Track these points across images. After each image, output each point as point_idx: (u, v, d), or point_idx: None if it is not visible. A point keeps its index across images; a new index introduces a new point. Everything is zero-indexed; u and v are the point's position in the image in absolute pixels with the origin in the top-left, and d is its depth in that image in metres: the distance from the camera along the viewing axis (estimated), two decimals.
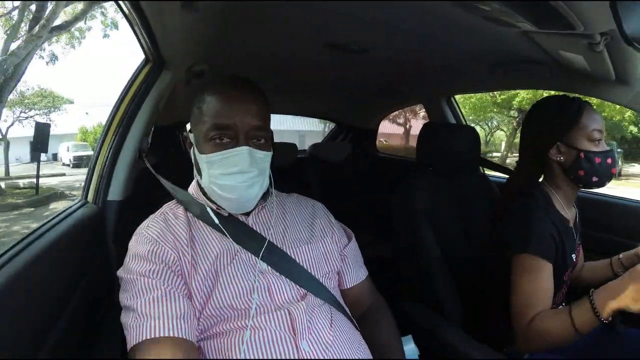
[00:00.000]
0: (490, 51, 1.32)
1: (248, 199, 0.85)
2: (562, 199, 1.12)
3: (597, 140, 1.05)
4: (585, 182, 1.07)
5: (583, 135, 1.05)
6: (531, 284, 1.00)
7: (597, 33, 0.87)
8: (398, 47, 1.39)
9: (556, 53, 1.11)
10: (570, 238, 1.10)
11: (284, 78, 1.86)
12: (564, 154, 1.08)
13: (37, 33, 7.24)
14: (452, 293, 1.29)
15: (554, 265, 1.02)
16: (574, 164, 1.06)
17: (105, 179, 1.17)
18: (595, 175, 1.05)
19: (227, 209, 0.87)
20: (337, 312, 0.89)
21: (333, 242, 0.99)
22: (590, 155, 1.04)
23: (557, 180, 1.12)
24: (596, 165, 1.04)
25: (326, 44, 1.34)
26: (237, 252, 0.84)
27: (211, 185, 0.84)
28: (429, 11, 1.03)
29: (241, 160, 0.81)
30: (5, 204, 8.21)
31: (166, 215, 0.88)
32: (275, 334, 0.77)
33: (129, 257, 0.81)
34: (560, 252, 1.05)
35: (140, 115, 1.24)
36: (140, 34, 1.07)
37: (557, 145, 1.08)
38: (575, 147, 1.06)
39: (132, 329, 0.71)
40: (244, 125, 0.81)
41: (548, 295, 1.00)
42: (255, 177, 0.83)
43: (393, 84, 2.04)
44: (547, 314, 0.96)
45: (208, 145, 0.82)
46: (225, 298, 0.79)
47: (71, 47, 11.06)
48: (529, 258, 1.01)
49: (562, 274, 1.09)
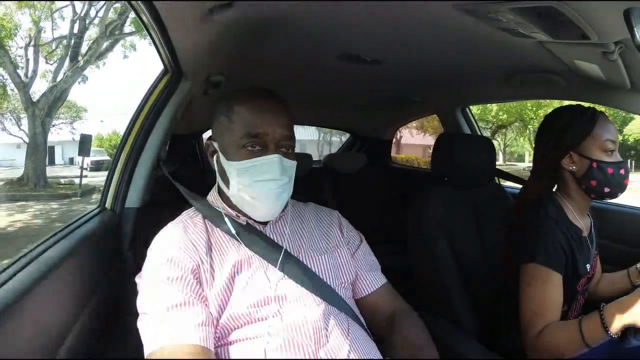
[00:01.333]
0: (505, 61, 1.32)
1: (277, 206, 0.86)
2: (574, 209, 1.11)
3: (610, 150, 1.04)
4: (598, 193, 1.06)
5: (596, 145, 1.05)
6: (539, 294, 0.99)
7: (612, 42, 0.86)
8: (412, 58, 1.40)
9: (571, 62, 1.11)
10: (584, 248, 1.08)
11: (299, 89, 1.89)
12: (576, 164, 1.07)
13: (82, 66, 9.77)
14: (468, 304, 1.27)
15: (564, 276, 1.01)
16: (586, 174, 1.05)
17: (124, 186, 1.19)
18: (607, 186, 1.04)
19: (253, 217, 0.88)
20: (353, 322, 0.88)
21: (347, 250, 0.99)
22: (603, 166, 1.03)
23: (569, 190, 1.11)
24: (608, 176, 1.03)
25: (339, 55, 1.36)
26: (254, 261, 0.84)
27: (240, 192, 0.84)
28: (442, 22, 1.04)
29: (273, 168, 0.82)
30: (59, 194, 10.71)
31: (185, 223, 0.89)
32: (292, 342, 0.77)
33: (148, 263, 0.82)
34: (570, 262, 1.03)
35: (158, 124, 1.27)
36: (160, 45, 1.10)
37: (570, 154, 1.08)
38: (588, 157, 1.05)
39: (150, 335, 0.72)
40: (275, 134, 0.84)
41: (557, 306, 0.98)
42: (285, 184, 0.85)
43: (407, 95, 2.05)
44: (556, 326, 0.95)
45: (239, 153, 0.84)
46: (242, 306, 0.79)
47: (96, 67, 12.65)
48: (536, 268, 1.00)
49: (575, 285, 1.07)
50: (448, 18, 0.99)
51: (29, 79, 10.26)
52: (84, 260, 0.91)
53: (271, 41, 1.25)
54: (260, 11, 0.99)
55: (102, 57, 10.97)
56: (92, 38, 10.46)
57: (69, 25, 10.32)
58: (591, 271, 1.12)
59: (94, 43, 10.07)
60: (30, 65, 10.59)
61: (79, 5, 10.51)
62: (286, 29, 1.16)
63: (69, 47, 10.31)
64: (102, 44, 10.10)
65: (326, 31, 1.18)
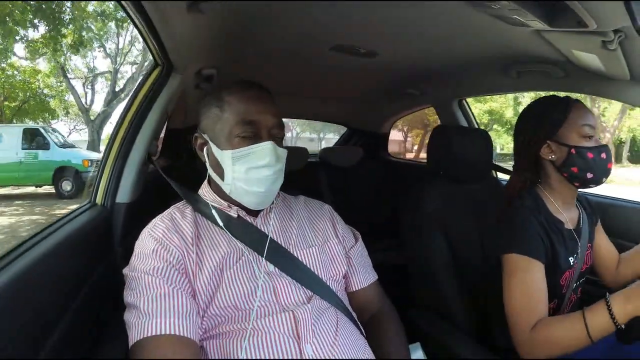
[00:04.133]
0: (502, 52, 1.30)
1: (272, 192, 0.88)
2: (557, 201, 1.09)
3: (588, 135, 1.03)
4: (581, 180, 1.04)
5: (573, 131, 1.03)
6: (522, 284, 0.96)
7: (611, 30, 0.84)
8: (407, 49, 1.38)
9: (569, 52, 1.09)
10: (566, 240, 1.06)
11: (294, 81, 1.87)
12: (555, 152, 1.06)
13: (122, 97, 13.76)
14: (462, 302, 1.25)
15: (545, 268, 0.99)
16: (566, 161, 1.04)
17: (114, 181, 1.17)
18: (590, 171, 1.02)
19: (249, 205, 0.89)
20: (343, 316, 0.88)
21: (340, 245, 0.99)
22: (582, 151, 1.01)
23: (551, 181, 1.09)
24: (589, 161, 1.01)
25: (333, 46, 1.33)
26: (244, 253, 0.85)
27: (236, 181, 0.85)
28: (437, 11, 1.02)
29: (269, 154, 0.84)
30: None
31: (173, 214, 0.89)
32: (278, 336, 0.77)
33: (135, 255, 0.82)
34: (550, 254, 1.02)
35: (149, 119, 1.24)
36: (148, 38, 1.08)
37: (548, 144, 1.06)
38: (566, 143, 1.03)
39: (134, 326, 0.72)
40: (267, 122, 0.86)
41: (543, 295, 0.96)
42: (279, 171, 0.87)
43: (403, 87, 2.02)
44: (555, 319, 0.92)
45: (233, 142, 0.85)
46: (229, 298, 0.79)
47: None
48: (516, 257, 0.98)
49: (557, 278, 1.04)
50: (444, 7, 0.97)
51: (89, 105, 15.29)
52: (73, 255, 0.90)
53: (263, 33, 1.23)
54: (250, 2, 0.97)
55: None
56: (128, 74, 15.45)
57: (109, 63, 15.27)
58: (583, 266, 1.09)
59: (129, 80, 14.36)
60: (89, 96, 16.05)
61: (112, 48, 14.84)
62: (278, 20, 1.14)
63: (112, 82, 14.61)
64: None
65: (320, 22, 1.16)
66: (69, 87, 13.63)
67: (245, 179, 0.84)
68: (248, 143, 0.84)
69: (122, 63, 14.95)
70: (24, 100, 10.40)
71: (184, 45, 1.16)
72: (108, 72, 15.95)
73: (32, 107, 11.00)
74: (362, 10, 1.06)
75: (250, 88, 0.89)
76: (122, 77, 15.27)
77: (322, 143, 21.60)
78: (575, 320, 0.86)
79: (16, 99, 10.40)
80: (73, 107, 14.97)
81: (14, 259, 0.71)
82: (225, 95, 0.87)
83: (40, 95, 11.02)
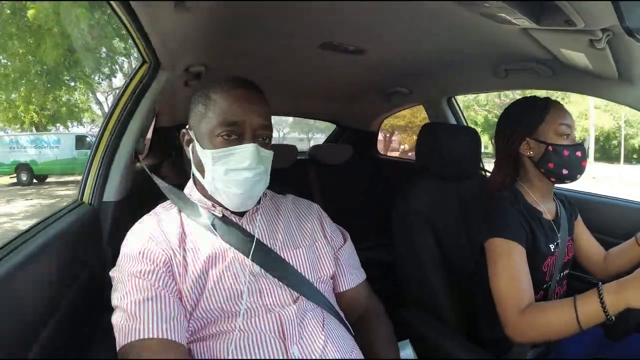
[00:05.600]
0: (490, 50, 1.30)
1: (253, 195, 0.84)
2: (535, 194, 1.14)
3: (565, 134, 1.08)
4: (557, 175, 1.09)
5: (550, 129, 1.08)
6: (507, 268, 0.98)
7: (599, 29, 0.85)
8: (396, 46, 1.38)
9: (557, 51, 1.10)
10: (545, 229, 1.10)
11: (283, 79, 1.85)
12: (533, 149, 1.11)
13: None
14: (452, 299, 1.26)
15: (527, 254, 1.01)
16: (543, 158, 1.09)
17: (101, 180, 1.15)
18: (565, 167, 1.07)
19: (229, 207, 0.86)
20: (330, 316, 0.87)
21: (328, 245, 0.98)
22: (559, 148, 1.06)
23: (529, 176, 1.14)
24: (565, 158, 1.06)
25: (322, 44, 1.33)
26: (229, 254, 0.83)
27: (215, 181, 0.83)
28: (425, 9, 1.02)
29: (249, 157, 0.81)
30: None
31: (159, 215, 0.88)
32: (264, 338, 0.76)
33: (121, 256, 0.81)
34: (530, 239, 1.05)
35: (136, 116, 1.23)
36: (135, 34, 1.06)
37: (527, 141, 1.11)
38: (544, 141, 1.08)
39: (121, 329, 0.71)
40: (252, 123, 0.83)
41: (528, 279, 0.97)
42: (261, 173, 0.83)
43: (392, 85, 2.02)
44: (546, 304, 0.92)
45: (214, 142, 0.82)
46: (215, 300, 0.78)
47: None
48: (498, 241, 1.01)
49: (539, 264, 1.06)
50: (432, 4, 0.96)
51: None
52: (60, 254, 0.89)
53: (250, 30, 1.22)
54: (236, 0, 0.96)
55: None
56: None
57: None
58: (565, 257, 1.12)
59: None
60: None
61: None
62: (264, 16, 1.13)
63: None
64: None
65: (308, 19, 1.15)
66: (95, 101, 15.64)
67: (224, 180, 0.82)
68: (231, 144, 0.81)
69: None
70: (57, 110, 13.10)
71: (171, 42, 1.14)
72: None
73: (63, 115, 13.56)
74: (351, 8, 1.05)
75: (238, 86, 0.86)
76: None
77: (311, 142, 21.60)
78: (565, 306, 0.86)
79: (50, 109, 13.05)
80: (99, 117, 16.61)
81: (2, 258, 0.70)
82: (212, 93, 0.85)
83: (70, 106, 13.57)
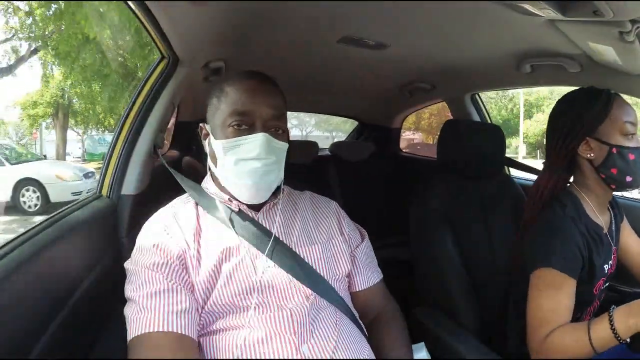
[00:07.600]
0: (515, 44, 1.25)
1: (263, 186, 0.84)
2: (593, 203, 1.03)
3: (630, 134, 0.96)
4: (619, 183, 0.98)
5: (615, 128, 0.96)
6: (551, 300, 0.93)
7: (628, 20, 0.80)
8: (417, 41, 1.35)
9: (585, 44, 1.04)
10: (604, 246, 1.01)
11: (302, 74, 1.84)
12: (594, 151, 0.98)
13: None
14: (469, 301, 1.22)
15: (580, 281, 0.94)
16: (606, 162, 0.97)
17: (120, 173, 1.17)
18: (629, 174, 0.96)
19: (240, 199, 0.86)
20: (343, 315, 0.86)
21: (344, 243, 0.96)
22: (624, 151, 0.95)
23: (587, 182, 1.03)
24: (630, 163, 0.95)
25: (341, 38, 1.31)
26: (243, 248, 0.83)
27: (225, 172, 0.83)
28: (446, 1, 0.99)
29: (258, 146, 0.81)
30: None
31: (175, 208, 0.89)
32: (274, 335, 0.75)
33: (136, 248, 0.82)
34: (587, 266, 0.97)
35: (155, 111, 1.24)
36: (152, 30, 1.07)
37: (587, 141, 0.99)
38: (607, 142, 0.96)
39: (132, 321, 0.71)
40: (262, 113, 0.83)
41: (568, 312, 0.93)
42: (272, 164, 0.83)
43: (414, 81, 1.98)
44: (565, 329, 0.90)
45: (225, 132, 0.83)
46: (227, 294, 0.78)
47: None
48: (551, 273, 0.93)
49: (591, 289, 1.00)
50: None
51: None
52: (76, 245, 0.91)
53: (268, 25, 1.21)
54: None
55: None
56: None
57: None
58: (609, 270, 1.05)
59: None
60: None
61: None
62: (284, 11, 1.12)
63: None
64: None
65: (327, 13, 1.13)
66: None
67: (234, 170, 0.82)
68: (241, 134, 0.82)
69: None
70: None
71: (189, 37, 1.15)
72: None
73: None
74: (370, 2, 1.03)
75: (250, 78, 0.87)
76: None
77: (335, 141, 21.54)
78: (581, 331, 0.85)
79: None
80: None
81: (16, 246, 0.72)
82: (226, 86, 0.86)
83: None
